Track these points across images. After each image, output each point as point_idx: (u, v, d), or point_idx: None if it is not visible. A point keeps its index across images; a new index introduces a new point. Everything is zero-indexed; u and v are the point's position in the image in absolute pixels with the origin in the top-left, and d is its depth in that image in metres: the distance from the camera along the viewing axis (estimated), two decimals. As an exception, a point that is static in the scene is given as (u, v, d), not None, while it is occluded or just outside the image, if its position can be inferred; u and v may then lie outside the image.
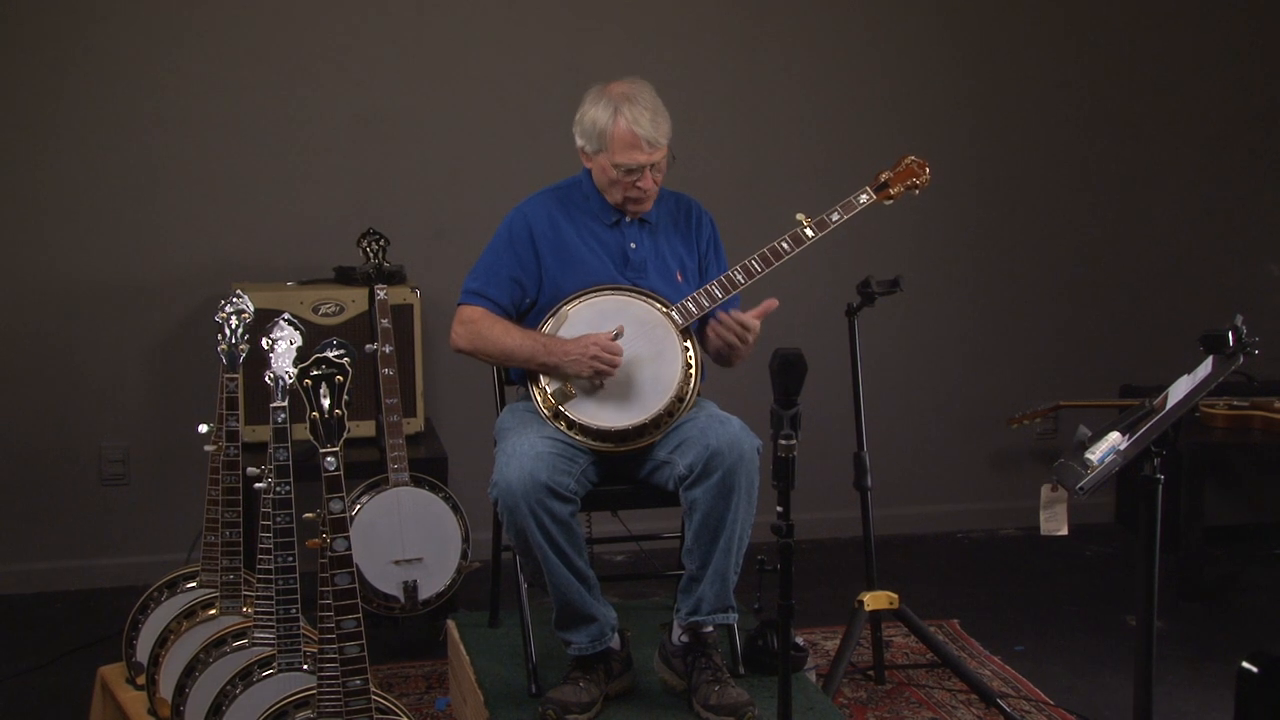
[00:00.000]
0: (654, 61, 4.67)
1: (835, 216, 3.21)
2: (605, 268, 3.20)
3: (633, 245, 3.24)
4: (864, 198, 3.25)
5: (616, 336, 3.08)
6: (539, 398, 3.11)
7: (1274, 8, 5.23)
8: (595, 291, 3.15)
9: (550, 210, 3.25)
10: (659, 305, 3.14)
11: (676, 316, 3.12)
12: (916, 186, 3.31)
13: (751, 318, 3.14)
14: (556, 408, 3.07)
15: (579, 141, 3.21)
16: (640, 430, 3.05)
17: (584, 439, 3.05)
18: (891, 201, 3.29)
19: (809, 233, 3.19)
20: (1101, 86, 5.14)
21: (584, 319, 3.13)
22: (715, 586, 3.03)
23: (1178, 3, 5.17)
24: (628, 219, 3.25)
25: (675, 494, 3.05)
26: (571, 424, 3.06)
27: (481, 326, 3.17)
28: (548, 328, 3.13)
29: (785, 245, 3.17)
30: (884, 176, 3.30)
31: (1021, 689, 3.64)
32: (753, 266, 3.16)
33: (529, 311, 3.23)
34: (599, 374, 3.05)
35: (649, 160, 3.13)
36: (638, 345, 3.10)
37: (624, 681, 3.11)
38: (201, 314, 4.36)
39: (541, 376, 3.12)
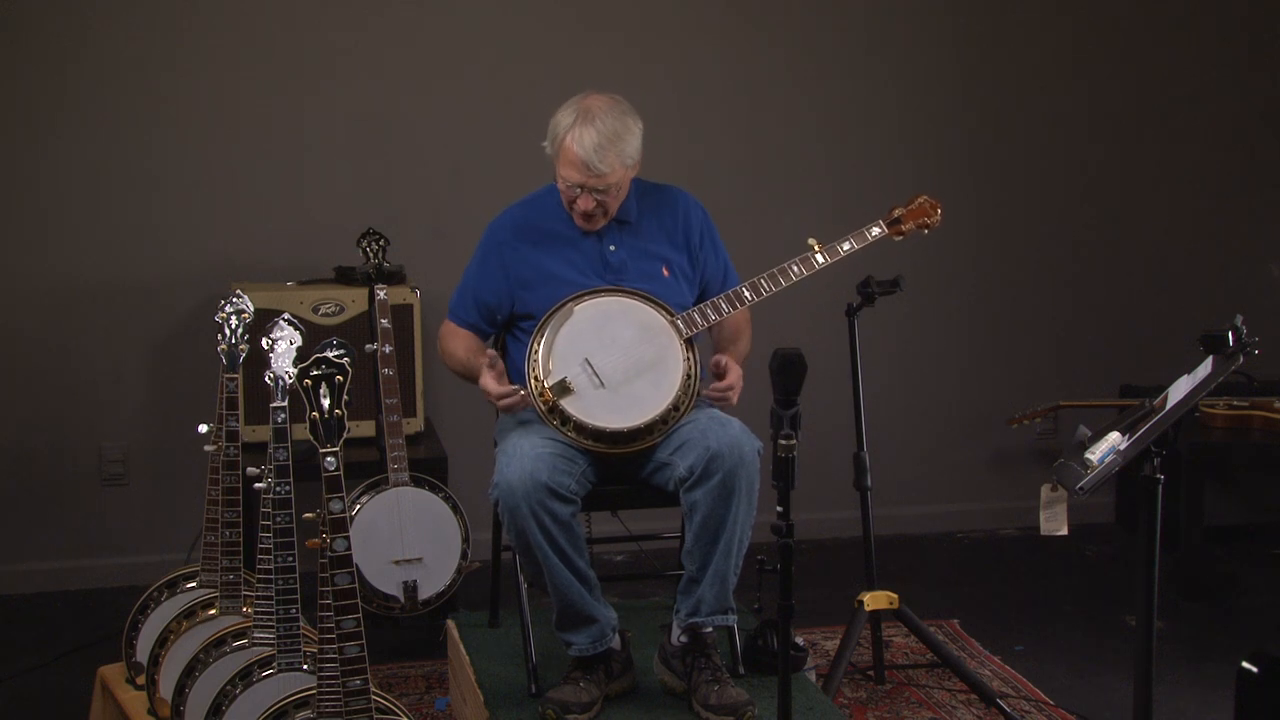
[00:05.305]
0: (655, 63, 4.68)
1: (846, 246, 3.23)
2: (582, 276, 3.17)
3: (611, 248, 3.21)
4: (876, 230, 3.27)
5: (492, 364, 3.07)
6: (534, 388, 3.06)
7: (1275, 8, 5.23)
8: (602, 292, 3.13)
9: (520, 226, 3.24)
10: (664, 312, 3.13)
11: (681, 325, 3.12)
12: (927, 226, 3.34)
13: (724, 385, 3.11)
14: (554, 402, 3.05)
15: (546, 141, 3.20)
16: (634, 434, 3.04)
17: (578, 437, 3.03)
18: (901, 238, 3.31)
19: (820, 259, 3.21)
20: (1101, 87, 5.13)
21: (587, 317, 3.10)
22: (715, 588, 3.02)
23: (1178, 4, 5.17)
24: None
25: (675, 495, 3.05)
26: (567, 420, 3.05)
27: (445, 342, 3.31)
28: (552, 323, 3.11)
29: (795, 269, 3.19)
30: (897, 212, 3.33)
31: (1021, 689, 3.64)
32: (761, 286, 3.17)
33: (522, 319, 3.23)
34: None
35: (583, 181, 3.09)
36: (640, 349, 3.09)
37: (624, 682, 3.11)
38: (201, 314, 4.36)
39: (540, 368, 3.07)
